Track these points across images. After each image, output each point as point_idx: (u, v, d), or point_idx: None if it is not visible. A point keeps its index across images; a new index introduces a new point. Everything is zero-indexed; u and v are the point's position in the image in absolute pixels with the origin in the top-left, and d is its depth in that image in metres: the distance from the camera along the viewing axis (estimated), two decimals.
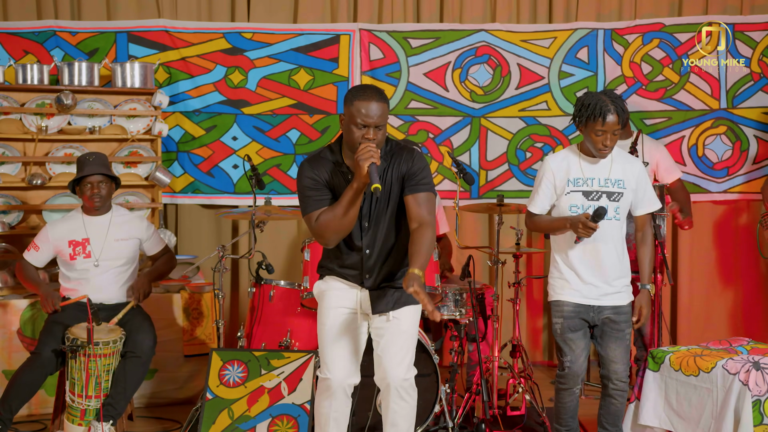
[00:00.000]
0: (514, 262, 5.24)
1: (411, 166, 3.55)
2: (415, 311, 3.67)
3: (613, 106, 3.83)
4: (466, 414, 4.80)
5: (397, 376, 3.57)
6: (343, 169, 3.55)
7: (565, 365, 4.02)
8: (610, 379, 4.03)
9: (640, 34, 6.43)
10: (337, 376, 3.61)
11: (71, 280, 4.76)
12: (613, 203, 3.95)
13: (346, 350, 3.64)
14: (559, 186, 3.98)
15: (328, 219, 3.47)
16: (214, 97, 6.25)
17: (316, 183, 3.53)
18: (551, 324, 4.08)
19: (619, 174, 3.98)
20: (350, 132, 3.45)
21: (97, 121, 5.83)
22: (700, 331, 6.45)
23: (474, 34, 6.42)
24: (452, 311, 4.88)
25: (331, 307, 3.66)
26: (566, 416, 4.11)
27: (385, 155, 3.55)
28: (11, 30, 5.99)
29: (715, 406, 3.95)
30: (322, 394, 3.66)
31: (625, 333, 4.01)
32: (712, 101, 6.44)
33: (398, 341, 3.61)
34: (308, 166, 3.57)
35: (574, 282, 3.98)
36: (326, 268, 3.73)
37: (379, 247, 3.61)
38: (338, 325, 3.64)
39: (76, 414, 4.45)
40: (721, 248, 6.57)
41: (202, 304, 5.49)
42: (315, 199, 3.53)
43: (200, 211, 6.36)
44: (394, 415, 3.60)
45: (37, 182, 5.63)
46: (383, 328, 3.62)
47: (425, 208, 3.50)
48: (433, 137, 6.41)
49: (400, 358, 3.60)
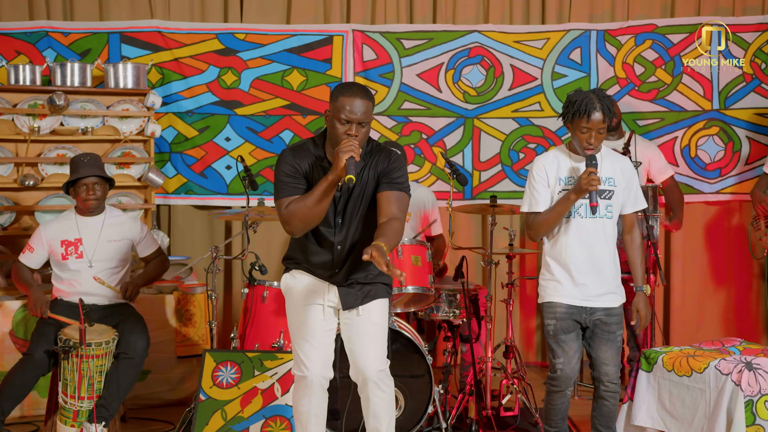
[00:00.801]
0: (507, 262, 5.25)
1: (387, 165, 3.56)
2: (383, 304, 3.69)
3: (599, 104, 3.82)
4: (459, 415, 4.80)
5: (373, 368, 3.60)
6: (324, 164, 3.57)
7: (557, 367, 3.98)
8: (602, 381, 4.02)
9: (633, 35, 6.44)
10: (314, 372, 3.62)
11: (63, 281, 4.75)
12: (604, 201, 3.93)
13: (320, 345, 3.65)
14: (551, 185, 3.96)
15: (299, 207, 3.46)
16: (207, 98, 6.24)
17: (295, 172, 3.55)
18: (544, 325, 4.06)
19: (609, 172, 3.96)
20: (334, 127, 3.48)
21: (90, 121, 5.82)
22: (692, 332, 6.46)
23: (467, 35, 6.42)
24: (446, 312, 4.88)
25: (301, 303, 3.67)
26: (556, 418, 4.08)
27: (365, 155, 3.58)
28: (3, 30, 5.98)
29: (708, 407, 3.96)
30: (299, 392, 3.67)
31: (616, 335, 3.98)
32: (705, 102, 6.46)
33: (370, 334, 3.63)
34: (290, 153, 3.60)
35: (566, 283, 3.95)
36: (294, 261, 3.72)
37: (350, 243, 3.62)
38: (310, 320, 3.64)
39: (68, 415, 4.44)
40: (713, 249, 6.58)
41: (195, 305, 5.48)
42: (290, 186, 3.54)
43: (193, 212, 6.35)
44: (375, 407, 3.63)
45: (30, 183, 5.61)
46: (353, 323, 3.64)
47: (396, 206, 3.49)
48: (426, 138, 6.41)
49: (374, 350, 3.63)
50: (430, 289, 4.70)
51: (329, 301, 3.66)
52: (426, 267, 4.75)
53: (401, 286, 4.65)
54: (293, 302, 3.70)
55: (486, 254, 4.98)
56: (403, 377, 4.47)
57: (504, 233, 5.38)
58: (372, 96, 3.52)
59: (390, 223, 3.43)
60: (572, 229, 3.93)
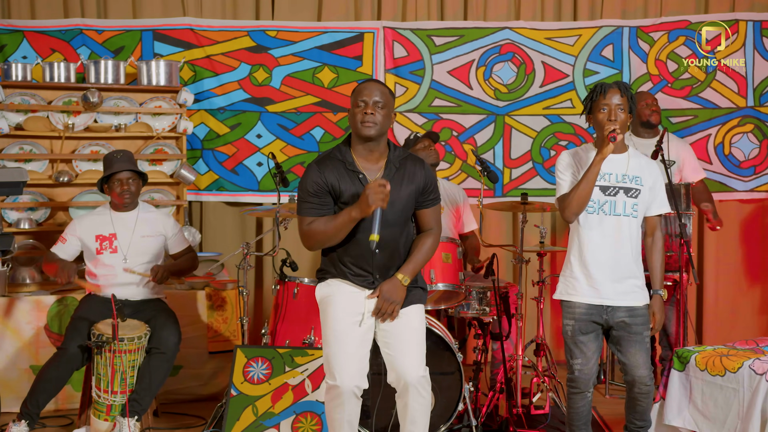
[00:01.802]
0: (538, 260, 5.23)
1: (425, 181, 3.65)
2: (420, 310, 3.70)
3: (615, 84, 3.82)
4: (489, 413, 4.79)
5: (414, 374, 3.58)
6: (352, 168, 3.56)
7: (574, 368, 3.90)
8: (635, 384, 3.92)
9: (666, 31, 6.39)
10: (346, 383, 3.55)
11: (97, 276, 4.80)
12: (631, 200, 3.88)
13: (354, 356, 3.58)
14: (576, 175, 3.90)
15: (318, 230, 3.55)
16: (238, 95, 6.27)
17: (319, 189, 3.56)
18: (562, 325, 3.99)
19: (636, 171, 3.91)
20: (353, 116, 3.55)
21: (123, 118, 5.87)
22: (726, 331, 6.40)
23: (498, 32, 6.40)
24: (476, 309, 4.87)
25: (338, 312, 3.61)
26: (579, 422, 3.97)
27: (395, 159, 3.60)
28: (39, 28, 6.04)
29: (742, 407, 3.92)
30: (332, 401, 3.60)
31: (643, 336, 3.88)
32: (739, 99, 6.39)
33: (411, 339, 3.62)
34: (316, 168, 3.59)
35: (586, 282, 3.88)
36: (331, 273, 3.68)
37: (390, 249, 3.61)
38: (347, 331, 3.59)
39: (102, 409, 4.48)
40: (747, 247, 6.52)
41: (227, 301, 5.51)
42: (314, 205, 3.57)
43: (224, 208, 6.38)
44: (414, 412, 3.60)
45: (64, 179, 5.68)
46: (392, 329, 3.61)
47: (435, 219, 3.71)
48: (456, 135, 6.40)
49: (414, 355, 3.61)
50: (461, 287, 4.69)
51: (368, 309, 3.62)
52: (456, 264, 4.74)
53: (431, 283, 4.65)
54: (329, 311, 3.63)
55: (517, 252, 4.97)
56: (433, 374, 4.41)
57: (535, 231, 5.36)
58: (388, 87, 3.65)
59: (425, 239, 3.67)
60: (595, 227, 3.87)
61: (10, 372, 5.10)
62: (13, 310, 5.16)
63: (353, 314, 3.60)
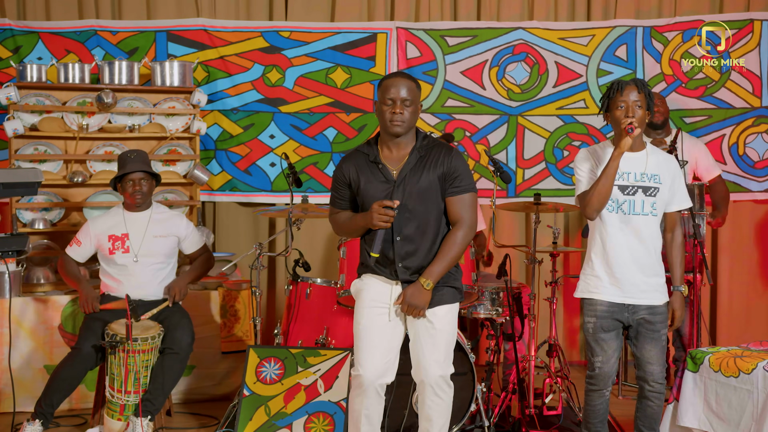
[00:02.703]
0: (551, 260, 5.22)
1: (449, 166, 3.63)
2: (451, 309, 3.69)
3: (632, 82, 3.82)
4: (502, 413, 4.79)
5: (433, 373, 3.62)
6: (376, 161, 3.64)
7: (595, 365, 3.93)
8: (647, 380, 3.95)
9: (680, 31, 6.36)
10: (369, 375, 3.62)
11: (111, 276, 4.82)
12: (650, 198, 3.87)
13: (380, 349, 3.64)
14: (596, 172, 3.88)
15: (337, 224, 3.79)
16: (251, 96, 6.29)
17: (340, 180, 3.72)
18: (584, 322, 4.01)
19: (655, 169, 3.90)
20: (382, 113, 3.60)
21: (137, 119, 5.90)
22: (740, 332, 6.37)
23: (511, 32, 6.39)
24: (489, 310, 4.86)
25: (366, 305, 3.68)
26: (596, 420, 4.00)
27: (420, 148, 3.64)
28: (53, 29, 6.07)
29: (756, 408, 3.90)
30: (354, 390, 3.69)
31: (660, 334, 3.92)
32: (754, 99, 6.36)
33: (434, 339, 3.64)
34: (344, 163, 3.73)
35: (609, 280, 3.89)
36: (363, 266, 3.76)
37: (412, 236, 3.62)
38: (373, 323, 3.66)
39: (115, 409, 4.50)
40: (761, 248, 6.48)
41: (240, 301, 5.53)
42: (337, 196, 3.77)
43: (238, 208, 6.40)
44: (429, 410, 3.66)
45: (78, 180, 5.70)
46: (419, 325, 3.65)
47: (464, 209, 3.65)
48: (469, 135, 6.39)
49: (436, 356, 3.63)
50: (473, 287, 4.68)
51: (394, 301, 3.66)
52: (469, 265, 4.73)
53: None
54: (358, 304, 3.73)
55: (529, 252, 4.96)
56: None
57: (548, 231, 5.35)
58: (415, 79, 3.64)
59: (454, 236, 3.63)
60: (616, 225, 3.88)
61: (25, 371, 5.13)
62: (27, 310, 5.18)
63: (379, 307, 3.67)
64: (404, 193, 3.60)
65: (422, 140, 3.66)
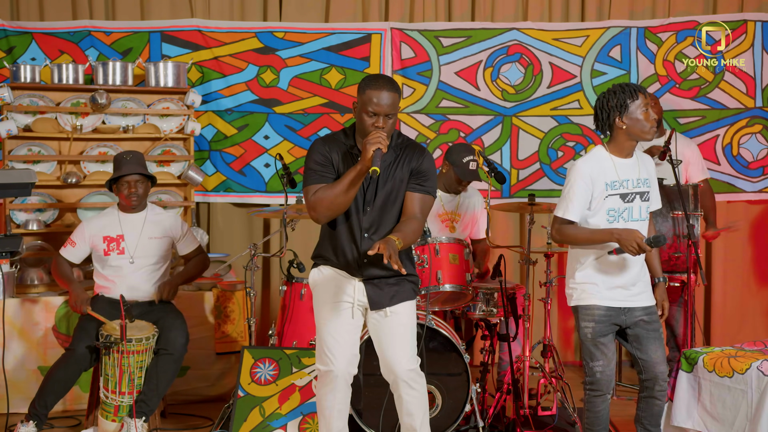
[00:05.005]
0: (545, 261, 5.22)
1: (420, 164, 3.65)
2: (411, 305, 3.73)
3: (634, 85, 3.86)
4: (496, 414, 4.78)
5: (403, 368, 3.64)
6: (354, 152, 3.64)
7: (596, 370, 3.90)
8: (657, 380, 3.91)
9: (674, 32, 6.38)
10: (341, 367, 3.66)
11: (105, 277, 4.81)
12: (644, 203, 3.88)
13: (349, 342, 3.68)
14: (597, 191, 3.82)
15: (326, 194, 3.53)
16: (246, 96, 6.28)
17: (325, 160, 3.64)
18: (580, 328, 3.98)
19: (644, 173, 3.91)
20: (362, 119, 3.57)
21: (131, 120, 5.89)
22: (734, 332, 6.39)
23: (505, 33, 6.40)
24: (483, 311, 4.87)
25: (329, 300, 3.70)
26: (599, 427, 3.96)
27: (395, 146, 3.65)
28: (47, 30, 6.06)
29: (750, 408, 3.91)
30: (324, 386, 3.70)
31: (659, 332, 3.93)
32: (748, 100, 6.37)
33: (399, 335, 3.67)
34: (321, 143, 3.69)
35: (604, 285, 3.88)
36: (322, 258, 3.77)
37: (378, 234, 3.64)
38: (337, 318, 3.68)
39: (109, 410, 4.49)
40: (755, 248, 6.50)
41: (234, 302, 5.52)
42: (319, 173, 3.61)
43: (232, 209, 6.39)
44: (408, 405, 3.67)
45: (72, 180, 5.69)
46: (382, 324, 3.68)
47: (422, 209, 3.65)
48: (464, 136, 6.40)
49: (404, 350, 3.66)
50: (468, 288, 4.69)
51: (358, 300, 3.69)
52: (463, 265, 4.74)
53: (439, 284, 4.65)
54: (320, 298, 3.75)
55: (524, 253, 4.96)
56: (440, 375, 4.48)
57: (542, 232, 5.35)
58: (398, 88, 3.60)
59: (409, 222, 3.57)
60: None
61: (19, 373, 5.12)
62: (21, 311, 5.17)
63: (343, 302, 3.68)
64: (377, 189, 3.62)
65: (397, 139, 3.68)
